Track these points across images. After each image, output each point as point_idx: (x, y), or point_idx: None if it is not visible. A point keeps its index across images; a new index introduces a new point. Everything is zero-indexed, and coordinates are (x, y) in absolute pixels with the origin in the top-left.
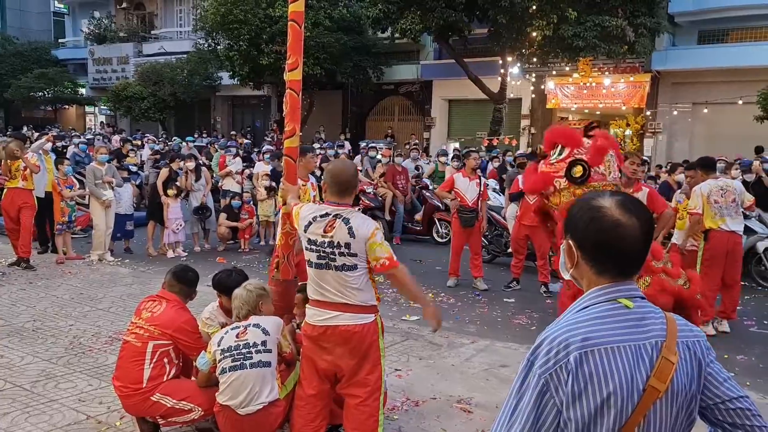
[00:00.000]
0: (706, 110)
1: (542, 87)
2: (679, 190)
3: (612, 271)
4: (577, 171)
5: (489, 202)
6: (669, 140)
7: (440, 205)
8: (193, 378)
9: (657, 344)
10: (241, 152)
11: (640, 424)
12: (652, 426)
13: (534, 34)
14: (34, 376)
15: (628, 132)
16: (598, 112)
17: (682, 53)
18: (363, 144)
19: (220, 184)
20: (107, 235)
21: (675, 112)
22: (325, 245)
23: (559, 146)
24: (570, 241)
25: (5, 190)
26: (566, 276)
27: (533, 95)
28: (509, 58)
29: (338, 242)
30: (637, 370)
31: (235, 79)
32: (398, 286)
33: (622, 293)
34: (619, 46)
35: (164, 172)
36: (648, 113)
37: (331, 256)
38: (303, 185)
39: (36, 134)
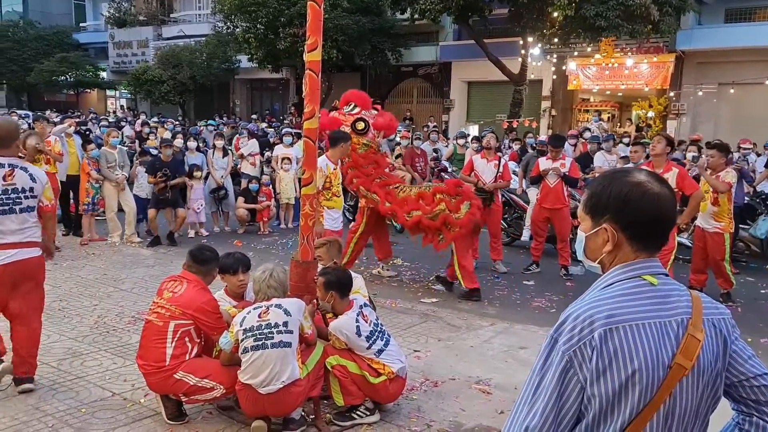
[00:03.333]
0: (732, 90)
1: (563, 68)
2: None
3: (653, 245)
4: (360, 125)
5: (510, 185)
6: (693, 122)
7: None
8: (215, 357)
9: (683, 321)
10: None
11: (666, 401)
12: (677, 403)
13: (555, 14)
14: (61, 354)
15: (650, 113)
16: (620, 94)
17: (708, 32)
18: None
19: (239, 167)
20: (133, 217)
21: (700, 93)
22: (9, 192)
23: (353, 104)
24: (608, 224)
25: None
26: (590, 263)
27: (554, 76)
28: (530, 39)
29: (23, 188)
30: (662, 347)
31: (254, 62)
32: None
33: (647, 270)
34: (643, 25)
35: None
36: (671, 94)
37: (16, 201)
38: (334, 169)
39: (58, 117)
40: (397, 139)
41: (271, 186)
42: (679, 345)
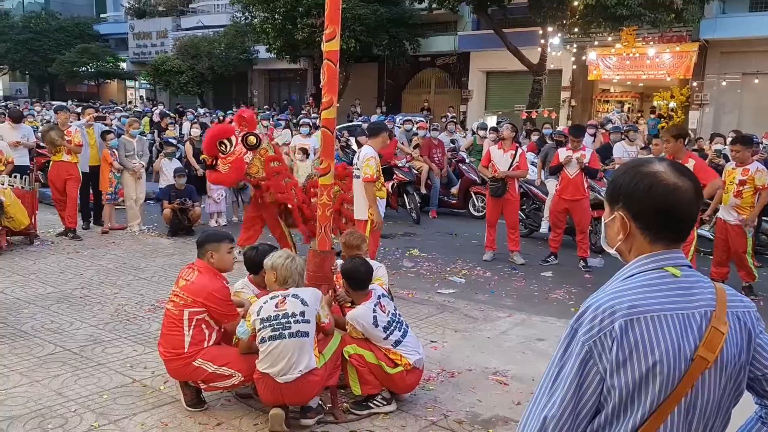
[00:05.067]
0: (756, 80)
1: (583, 58)
2: (728, 163)
3: (668, 237)
4: (251, 139)
5: (527, 175)
6: (716, 112)
7: (476, 178)
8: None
9: (706, 314)
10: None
11: (687, 394)
12: (699, 396)
13: (576, 2)
14: (83, 340)
15: (672, 104)
16: (640, 84)
17: (732, 21)
18: (399, 117)
19: None
20: (139, 206)
21: (723, 83)
22: None
23: (227, 141)
24: (621, 213)
25: (51, 163)
26: (609, 250)
27: (574, 66)
28: (550, 29)
29: None
30: (684, 340)
31: (271, 53)
32: None
33: (669, 261)
34: (666, 14)
35: (188, 147)
36: (694, 84)
37: None
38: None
39: (79, 108)
40: (414, 129)
41: None
42: (702, 337)
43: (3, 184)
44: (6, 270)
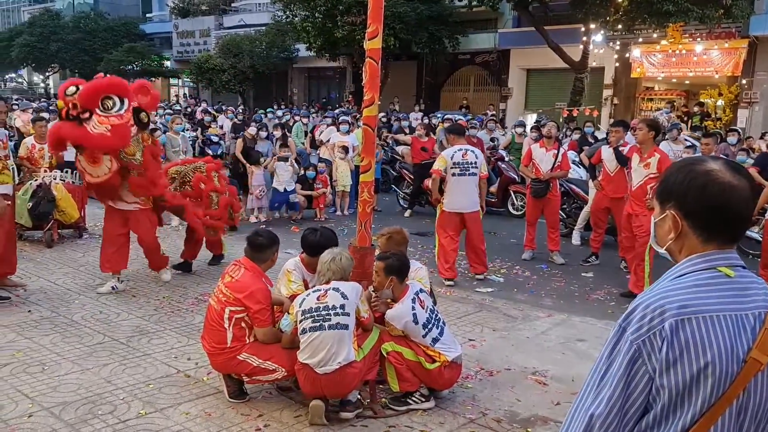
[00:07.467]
0: None
1: (627, 55)
2: None
3: (722, 236)
4: (144, 116)
5: (569, 175)
6: (766, 110)
7: (516, 177)
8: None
9: (760, 315)
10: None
11: (739, 396)
12: (752, 399)
13: None
14: (129, 331)
15: (719, 102)
16: (687, 81)
17: None
18: (437, 116)
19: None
20: None
21: None
22: None
23: (117, 99)
24: (672, 211)
25: None
26: (659, 250)
27: (617, 64)
28: (592, 26)
29: None
30: (737, 341)
31: (312, 51)
32: None
33: (722, 261)
34: (714, 9)
35: (240, 144)
36: (743, 82)
37: None
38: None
39: None
40: None
41: (326, 173)
42: (755, 339)
43: (55, 179)
44: (57, 262)
